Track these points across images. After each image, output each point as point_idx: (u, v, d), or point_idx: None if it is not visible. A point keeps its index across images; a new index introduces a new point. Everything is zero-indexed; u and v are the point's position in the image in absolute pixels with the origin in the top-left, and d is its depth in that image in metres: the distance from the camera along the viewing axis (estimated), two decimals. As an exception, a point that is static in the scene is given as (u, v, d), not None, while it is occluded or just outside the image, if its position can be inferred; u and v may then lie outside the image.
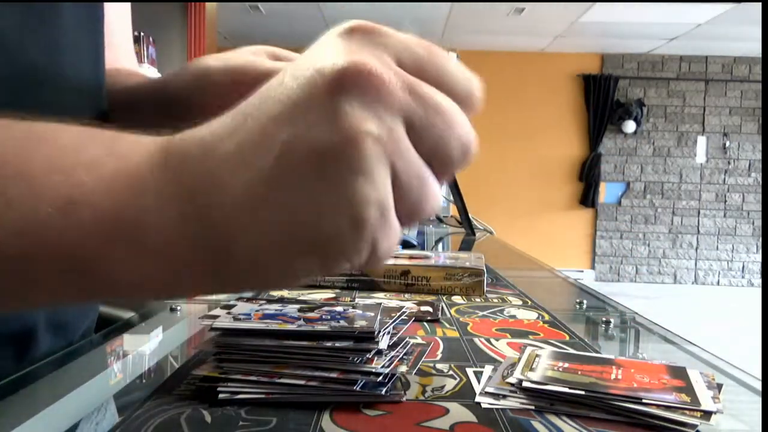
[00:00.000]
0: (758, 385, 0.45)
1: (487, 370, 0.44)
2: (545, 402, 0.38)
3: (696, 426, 0.34)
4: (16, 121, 0.25)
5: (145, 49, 2.97)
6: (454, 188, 1.65)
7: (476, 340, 0.55)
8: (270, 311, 0.44)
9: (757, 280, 6.77)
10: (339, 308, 0.46)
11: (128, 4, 0.67)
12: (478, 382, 0.43)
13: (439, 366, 0.47)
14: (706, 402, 0.36)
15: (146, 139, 0.25)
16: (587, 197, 6.74)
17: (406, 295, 0.75)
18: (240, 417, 0.36)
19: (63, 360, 0.50)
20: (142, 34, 2.96)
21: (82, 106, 0.50)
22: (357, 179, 0.22)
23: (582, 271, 6.79)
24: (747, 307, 5.72)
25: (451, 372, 0.45)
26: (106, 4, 0.60)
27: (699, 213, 6.79)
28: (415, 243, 1.17)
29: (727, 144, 6.69)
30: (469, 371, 0.45)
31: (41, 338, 0.50)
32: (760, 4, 4.68)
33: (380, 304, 0.48)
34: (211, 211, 0.23)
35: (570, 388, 0.37)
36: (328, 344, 0.39)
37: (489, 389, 0.40)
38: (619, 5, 5.01)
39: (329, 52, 0.24)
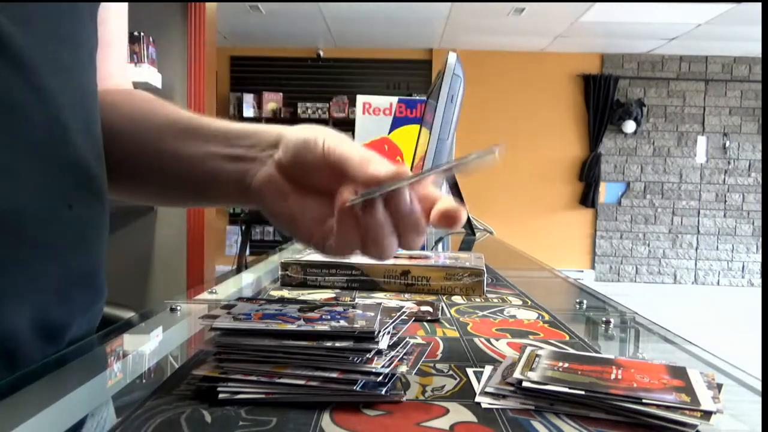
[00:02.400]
0: (758, 385, 0.45)
1: (487, 370, 0.44)
2: (545, 402, 0.38)
3: (696, 426, 0.34)
4: None
5: (145, 49, 2.97)
6: (455, 188, 1.65)
7: (476, 340, 0.55)
8: (270, 311, 0.44)
9: (757, 280, 6.77)
10: (339, 308, 0.46)
11: (126, 4, 0.67)
12: (478, 382, 0.43)
13: (439, 366, 0.47)
14: (706, 402, 0.36)
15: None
16: (587, 197, 6.74)
17: (406, 295, 0.75)
18: (240, 417, 0.36)
19: (62, 360, 0.50)
20: (142, 34, 2.96)
21: (67, 93, 0.49)
22: None
23: (582, 271, 6.79)
24: (747, 307, 5.72)
25: (451, 372, 0.45)
26: (106, 3, 0.60)
27: (699, 213, 6.79)
28: (415, 243, 1.17)
29: (727, 144, 6.69)
30: (469, 371, 0.45)
31: (29, 344, 0.47)
32: (760, 4, 4.68)
33: (380, 304, 0.48)
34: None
35: (570, 388, 0.37)
36: (328, 344, 0.39)
37: (489, 389, 0.40)
38: (619, 5, 5.01)
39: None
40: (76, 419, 0.38)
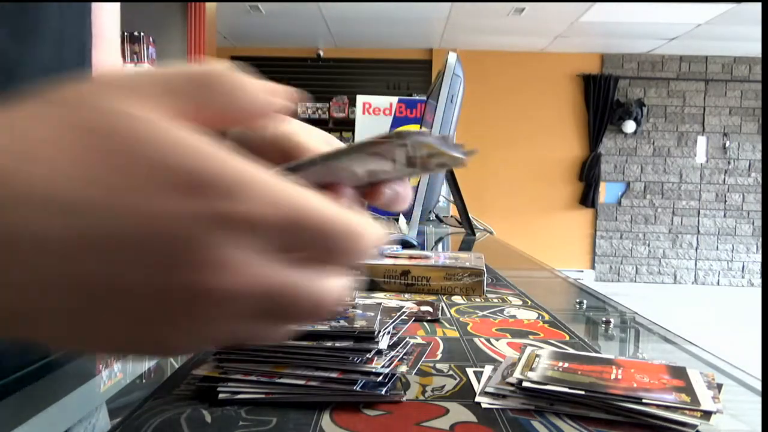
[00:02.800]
0: (758, 385, 0.45)
1: (487, 370, 0.44)
2: (545, 402, 0.38)
3: (696, 426, 0.34)
4: None
5: (145, 49, 2.97)
6: (454, 188, 1.65)
7: (476, 340, 0.55)
8: (270, 311, 0.44)
9: (757, 280, 6.77)
10: (339, 308, 0.46)
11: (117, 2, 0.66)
12: (478, 382, 0.43)
13: (439, 366, 0.47)
14: (706, 402, 0.36)
15: None
16: (587, 197, 6.74)
17: (406, 295, 0.75)
18: (240, 417, 0.36)
19: (60, 361, 0.49)
20: (142, 34, 2.96)
21: None
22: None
23: (582, 271, 6.79)
24: (747, 307, 5.72)
25: (451, 372, 0.45)
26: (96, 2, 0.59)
27: (699, 213, 6.79)
28: (415, 243, 1.17)
29: (727, 144, 6.69)
30: (469, 371, 0.45)
31: (2, 352, 0.45)
32: (760, 4, 4.68)
33: (380, 304, 0.48)
34: None
35: (570, 388, 0.37)
36: (328, 344, 0.39)
37: (489, 389, 0.40)
38: (619, 5, 5.01)
39: None
40: (73, 420, 0.38)
